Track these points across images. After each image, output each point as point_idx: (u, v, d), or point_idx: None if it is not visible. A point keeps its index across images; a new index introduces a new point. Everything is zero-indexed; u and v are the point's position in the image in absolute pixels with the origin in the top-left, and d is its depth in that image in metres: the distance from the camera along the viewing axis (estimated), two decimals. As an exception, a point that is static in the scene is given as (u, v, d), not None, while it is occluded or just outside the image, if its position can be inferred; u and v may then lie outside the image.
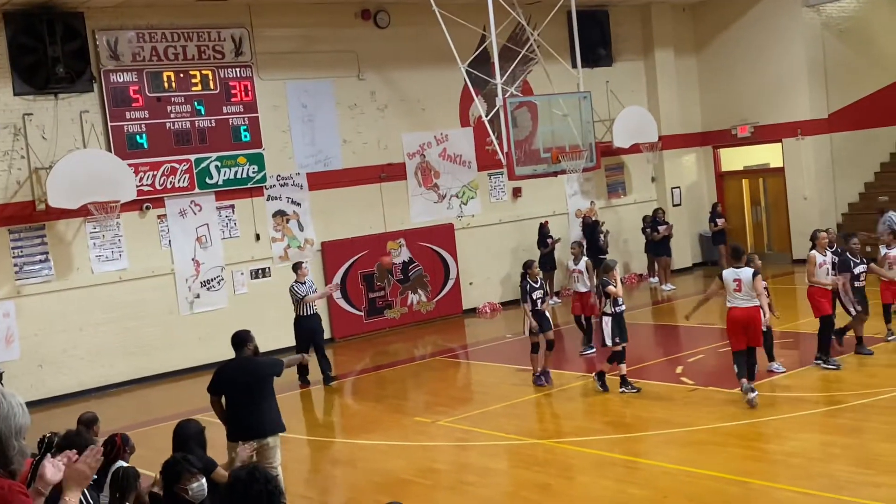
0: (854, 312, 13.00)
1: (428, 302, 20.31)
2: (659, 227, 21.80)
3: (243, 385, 8.94)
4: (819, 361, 12.71)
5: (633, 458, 10.15)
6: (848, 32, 23.50)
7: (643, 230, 22.06)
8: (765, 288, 12.30)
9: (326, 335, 19.05)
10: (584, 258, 15.85)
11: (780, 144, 23.37)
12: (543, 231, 21.06)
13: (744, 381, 11.40)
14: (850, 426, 10.36)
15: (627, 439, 10.82)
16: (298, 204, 18.89)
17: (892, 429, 10.12)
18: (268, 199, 18.56)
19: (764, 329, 12.11)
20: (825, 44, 22.92)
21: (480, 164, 21.03)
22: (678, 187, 24.10)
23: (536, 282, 13.77)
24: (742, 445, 10.12)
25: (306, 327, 15.22)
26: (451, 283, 20.57)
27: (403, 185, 20.15)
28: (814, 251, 13.09)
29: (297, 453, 11.93)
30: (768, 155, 24.00)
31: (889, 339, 13.63)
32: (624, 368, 12.72)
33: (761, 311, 11.59)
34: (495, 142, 18.70)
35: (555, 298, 20.99)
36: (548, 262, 20.95)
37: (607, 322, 12.76)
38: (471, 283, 20.91)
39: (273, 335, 17.74)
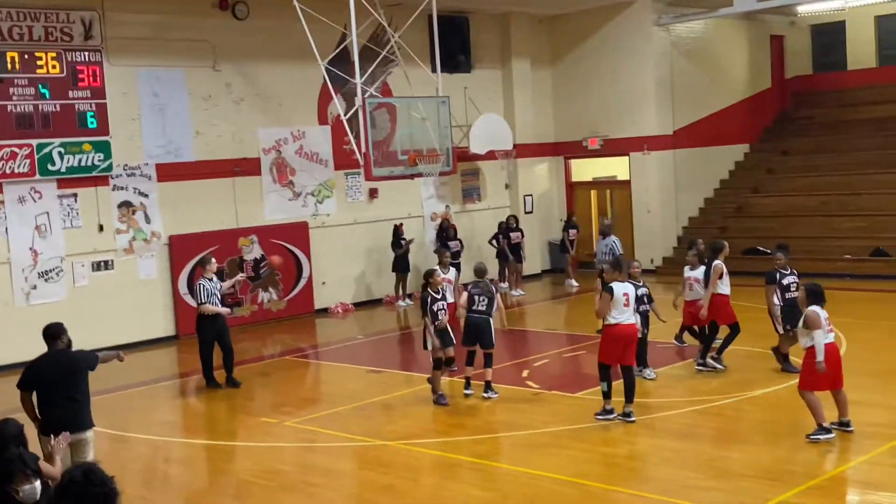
0: (781, 331, 12.80)
1: (279, 300, 20.06)
2: (511, 234, 22.20)
3: (59, 379, 8.63)
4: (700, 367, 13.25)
5: (477, 459, 10.29)
6: (695, 53, 24.55)
7: (493, 239, 22.27)
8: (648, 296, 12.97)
9: (171, 332, 18.62)
10: (453, 268, 14.78)
11: (627, 158, 24.20)
12: (398, 233, 21.12)
13: (608, 401, 11.19)
14: (685, 431, 10.78)
15: (472, 441, 10.96)
16: (146, 195, 18.33)
17: (722, 435, 10.62)
18: (113, 189, 17.94)
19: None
20: (673, 63, 23.88)
21: (337, 164, 20.92)
22: (530, 195, 24.61)
23: (438, 292, 12.55)
24: (581, 448, 10.40)
25: (211, 327, 14.11)
26: (303, 281, 20.38)
27: (257, 180, 19.84)
28: (719, 261, 13.30)
29: (135, 452, 11.58)
30: (616, 168, 24.81)
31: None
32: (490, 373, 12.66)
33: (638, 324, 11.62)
34: (353, 142, 18.63)
35: (407, 300, 21.11)
36: (401, 264, 21.06)
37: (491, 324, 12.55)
38: (323, 283, 20.77)
39: (115, 329, 17.20)
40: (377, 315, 20.45)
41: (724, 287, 13.33)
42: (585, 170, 25.46)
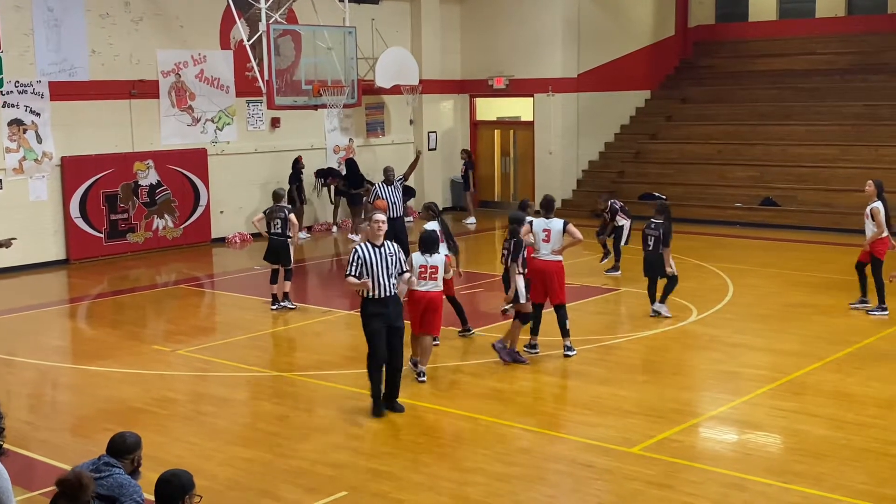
0: None
1: (175, 228, 19.67)
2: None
3: None
4: None
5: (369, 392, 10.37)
6: (603, -3, 24.68)
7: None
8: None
9: (61, 256, 18.14)
10: (436, 222, 12.21)
11: (531, 99, 24.31)
12: (297, 166, 20.88)
13: (533, 336, 11.45)
14: (574, 370, 11.06)
15: (366, 374, 11.02)
16: (38, 114, 17.65)
17: (610, 373, 10.92)
18: (3, 106, 17.21)
19: (675, 273, 12.98)
20: (581, 6, 23.96)
21: (239, 90, 20.47)
22: (434, 132, 24.57)
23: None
24: (474, 383, 10.57)
25: (375, 317, 9.51)
26: (200, 210, 20.00)
27: (155, 103, 19.28)
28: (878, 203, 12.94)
29: (21, 377, 11.33)
30: (520, 108, 24.92)
31: None
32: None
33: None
34: (256, 68, 18.26)
35: (305, 232, 21.01)
36: (299, 197, 20.85)
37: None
38: (221, 212, 20.44)
39: (2, 251, 16.60)
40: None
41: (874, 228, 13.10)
42: (490, 109, 25.49)
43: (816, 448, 8.54)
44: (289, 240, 14.00)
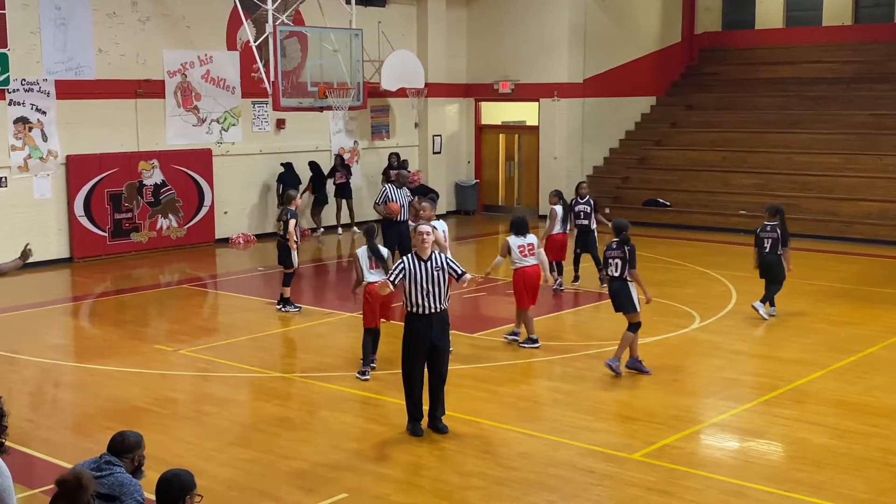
0: None
1: (179, 228, 19.69)
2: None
3: None
4: None
5: (371, 394, 10.38)
6: (609, 2, 24.68)
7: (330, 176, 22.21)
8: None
9: (65, 254, 18.17)
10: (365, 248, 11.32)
11: (537, 104, 24.31)
12: (317, 168, 20.98)
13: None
14: (578, 375, 11.05)
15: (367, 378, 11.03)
16: (44, 112, 17.69)
17: (613, 379, 10.90)
18: (9, 104, 17.25)
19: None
20: (587, 11, 23.97)
21: (245, 91, 20.50)
22: (439, 135, 24.58)
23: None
24: (477, 387, 10.57)
25: (418, 332, 9.03)
26: (204, 210, 20.02)
27: (161, 103, 19.31)
28: None
29: (23, 374, 11.34)
30: (525, 113, 24.92)
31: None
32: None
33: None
34: (262, 69, 18.28)
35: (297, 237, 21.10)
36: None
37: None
38: (225, 213, 20.46)
39: (6, 249, 16.60)
40: (279, 247, 20.26)
41: None
42: (495, 113, 25.50)
43: (817, 456, 8.53)
44: (287, 243, 13.99)
